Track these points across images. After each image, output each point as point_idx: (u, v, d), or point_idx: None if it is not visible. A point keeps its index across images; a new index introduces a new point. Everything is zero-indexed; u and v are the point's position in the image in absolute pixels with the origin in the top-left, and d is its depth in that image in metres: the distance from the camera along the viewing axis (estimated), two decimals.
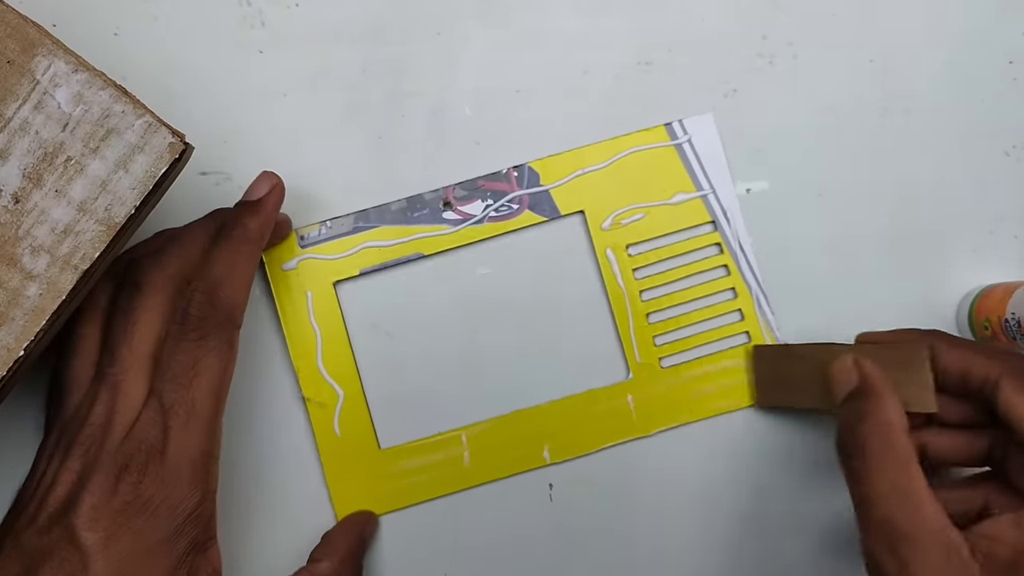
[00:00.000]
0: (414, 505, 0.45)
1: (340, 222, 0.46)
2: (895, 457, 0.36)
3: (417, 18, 0.46)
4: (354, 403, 0.45)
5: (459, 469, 0.45)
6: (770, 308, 0.46)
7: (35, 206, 0.35)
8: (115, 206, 0.36)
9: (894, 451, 0.36)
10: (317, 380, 0.45)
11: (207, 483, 0.38)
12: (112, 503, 0.36)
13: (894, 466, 0.35)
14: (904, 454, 0.36)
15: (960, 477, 0.43)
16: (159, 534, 0.36)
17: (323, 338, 0.45)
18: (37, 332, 0.35)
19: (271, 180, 0.42)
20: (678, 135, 0.46)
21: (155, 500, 0.36)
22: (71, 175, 0.36)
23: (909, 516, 0.34)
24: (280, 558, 0.44)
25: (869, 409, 0.37)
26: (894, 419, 0.37)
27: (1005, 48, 0.47)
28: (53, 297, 0.36)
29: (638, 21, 0.47)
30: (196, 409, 0.37)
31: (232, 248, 0.40)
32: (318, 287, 0.45)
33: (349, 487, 0.45)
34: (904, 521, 0.34)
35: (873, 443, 0.36)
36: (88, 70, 0.36)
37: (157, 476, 0.36)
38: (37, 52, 0.35)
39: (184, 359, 0.38)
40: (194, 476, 0.37)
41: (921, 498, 0.34)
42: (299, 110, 0.46)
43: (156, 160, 0.36)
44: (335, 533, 0.44)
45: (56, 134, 0.35)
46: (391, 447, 0.45)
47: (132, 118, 0.36)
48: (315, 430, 0.45)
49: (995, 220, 0.47)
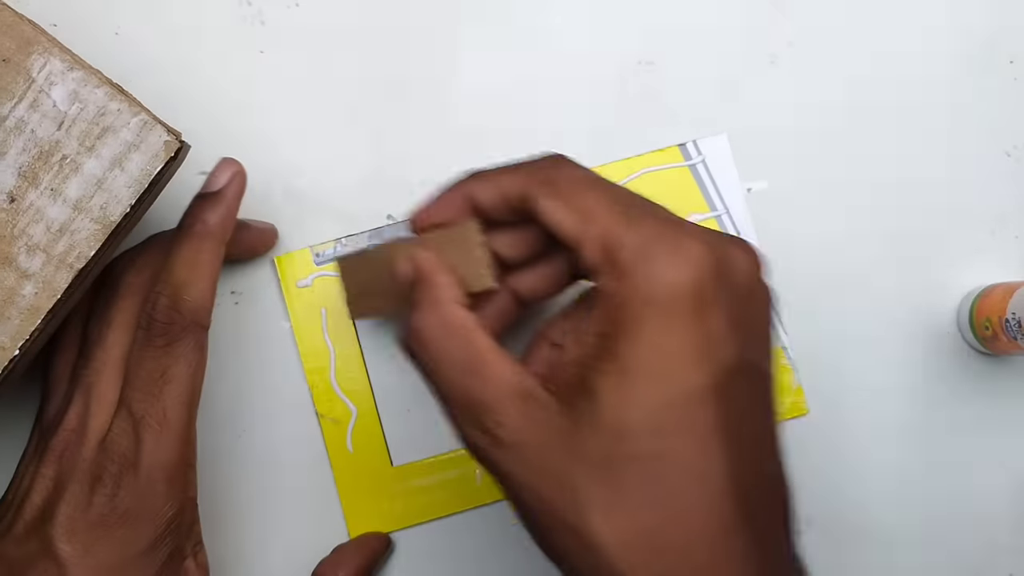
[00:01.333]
0: (426, 522, 0.46)
1: (354, 240, 0.46)
2: (453, 335, 0.33)
3: (417, 18, 0.46)
4: (367, 420, 0.45)
5: (471, 487, 0.45)
6: (783, 328, 0.46)
7: (31, 205, 0.36)
8: (111, 204, 0.36)
9: (450, 330, 0.33)
10: (331, 396, 0.45)
11: (185, 492, 0.38)
12: (88, 515, 0.36)
13: (455, 345, 0.33)
14: (462, 329, 0.33)
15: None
16: (138, 546, 0.36)
17: (337, 355, 0.45)
18: (32, 331, 0.35)
19: (231, 168, 0.40)
20: (692, 156, 0.46)
21: (132, 512, 0.36)
22: (67, 174, 0.36)
23: (481, 386, 0.32)
24: (292, 573, 0.44)
25: (419, 297, 0.35)
26: (444, 297, 0.34)
27: (1005, 48, 0.47)
28: (49, 296, 0.36)
29: (638, 21, 0.47)
30: (168, 419, 0.37)
31: (192, 247, 0.39)
32: (332, 305, 0.45)
33: (361, 503, 0.45)
34: (478, 392, 0.32)
35: (429, 330, 0.33)
36: (84, 68, 0.36)
37: (132, 489, 0.36)
38: (33, 50, 0.35)
39: (152, 367, 0.37)
40: (170, 487, 0.37)
41: (487, 363, 0.32)
42: (299, 110, 0.46)
43: (152, 158, 0.36)
44: (345, 550, 0.44)
45: (52, 132, 0.36)
46: (403, 464, 0.45)
47: (128, 116, 0.36)
48: (328, 446, 0.45)
49: (995, 220, 0.47)
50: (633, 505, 0.30)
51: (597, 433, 0.30)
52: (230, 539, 0.45)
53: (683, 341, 0.30)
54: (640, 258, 0.31)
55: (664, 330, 0.30)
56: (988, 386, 0.47)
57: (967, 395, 0.47)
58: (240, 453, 0.45)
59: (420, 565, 0.46)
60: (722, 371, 0.31)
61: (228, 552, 0.45)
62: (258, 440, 0.45)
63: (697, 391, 0.30)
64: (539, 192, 0.34)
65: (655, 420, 0.30)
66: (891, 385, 0.46)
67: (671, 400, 0.30)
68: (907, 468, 0.46)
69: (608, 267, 0.32)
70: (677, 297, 0.31)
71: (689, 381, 0.30)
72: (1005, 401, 0.47)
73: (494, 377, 0.32)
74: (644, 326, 0.30)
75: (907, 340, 0.47)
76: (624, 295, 0.31)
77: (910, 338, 0.47)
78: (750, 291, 0.33)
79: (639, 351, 0.30)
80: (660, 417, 0.30)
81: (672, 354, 0.30)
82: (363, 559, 0.44)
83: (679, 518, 0.30)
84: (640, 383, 0.30)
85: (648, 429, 0.30)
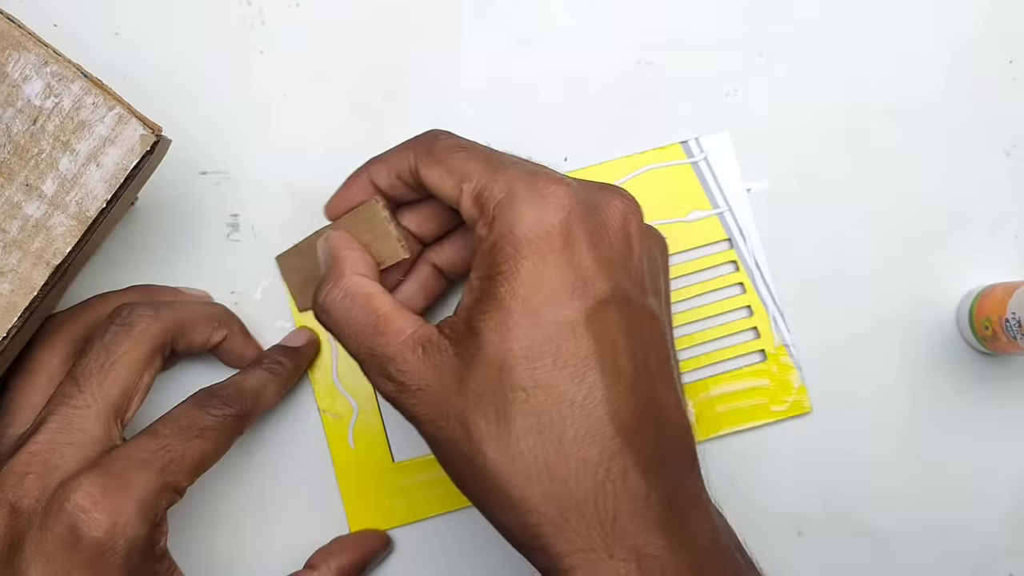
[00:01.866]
0: (427, 519, 0.45)
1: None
2: (354, 302, 0.36)
3: (417, 18, 0.46)
4: (369, 416, 0.45)
5: None
6: (787, 326, 0.46)
7: (6, 201, 0.35)
8: (86, 200, 0.36)
9: (352, 298, 0.36)
10: (332, 392, 0.45)
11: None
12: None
13: (357, 310, 0.36)
14: (362, 296, 0.36)
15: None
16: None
17: (339, 352, 0.45)
18: (10, 328, 0.35)
19: (307, 334, 0.45)
20: (694, 153, 0.46)
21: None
22: (42, 169, 0.35)
23: (384, 341, 0.34)
24: (293, 568, 0.44)
25: (327, 273, 0.38)
26: (346, 270, 0.37)
27: (1005, 48, 0.47)
28: (25, 293, 0.35)
29: (638, 20, 0.47)
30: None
31: (261, 379, 0.42)
32: None
33: (362, 499, 0.45)
34: (381, 348, 0.34)
35: (332, 301, 0.36)
36: (59, 62, 0.35)
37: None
38: (6, 45, 0.35)
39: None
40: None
41: (388, 320, 0.35)
42: (299, 110, 0.46)
43: (127, 153, 0.36)
44: (343, 541, 0.44)
45: (26, 128, 0.35)
46: (405, 460, 0.45)
47: (103, 110, 0.35)
48: (329, 442, 0.45)
49: (995, 220, 0.47)
50: (518, 433, 0.32)
51: (482, 368, 0.33)
52: (230, 534, 0.45)
53: (553, 277, 0.33)
54: (507, 203, 0.34)
55: (534, 268, 0.33)
56: (988, 386, 0.47)
57: (967, 395, 0.47)
58: (241, 449, 0.45)
59: (421, 561, 0.45)
60: (593, 304, 0.33)
61: (228, 547, 0.45)
62: (260, 436, 0.45)
63: (568, 323, 0.32)
64: (421, 162, 0.37)
65: (532, 352, 0.32)
66: (891, 384, 0.46)
67: (546, 333, 0.32)
68: (907, 467, 0.46)
69: (481, 215, 0.34)
70: (543, 236, 0.33)
71: (560, 314, 0.32)
72: (1005, 401, 0.47)
73: (393, 332, 0.35)
74: (517, 265, 0.33)
75: (907, 340, 0.47)
76: (494, 239, 0.33)
77: (910, 338, 0.47)
78: (624, 232, 0.35)
79: (514, 289, 0.33)
80: (536, 349, 0.32)
81: (543, 289, 0.33)
82: (358, 553, 0.44)
83: (561, 446, 0.32)
84: (516, 318, 0.32)
85: (526, 361, 0.32)
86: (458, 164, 0.36)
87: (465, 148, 0.36)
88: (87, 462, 0.36)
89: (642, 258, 0.35)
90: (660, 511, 0.32)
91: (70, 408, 0.37)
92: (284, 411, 0.45)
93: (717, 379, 0.46)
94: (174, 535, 0.39)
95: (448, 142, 0.37)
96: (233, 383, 0.41)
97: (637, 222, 0.35)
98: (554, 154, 0.46)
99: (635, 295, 0.34)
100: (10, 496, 0.35)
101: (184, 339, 0.41)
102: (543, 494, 0.32)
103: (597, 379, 0.32)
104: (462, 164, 0.35)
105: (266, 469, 0.45)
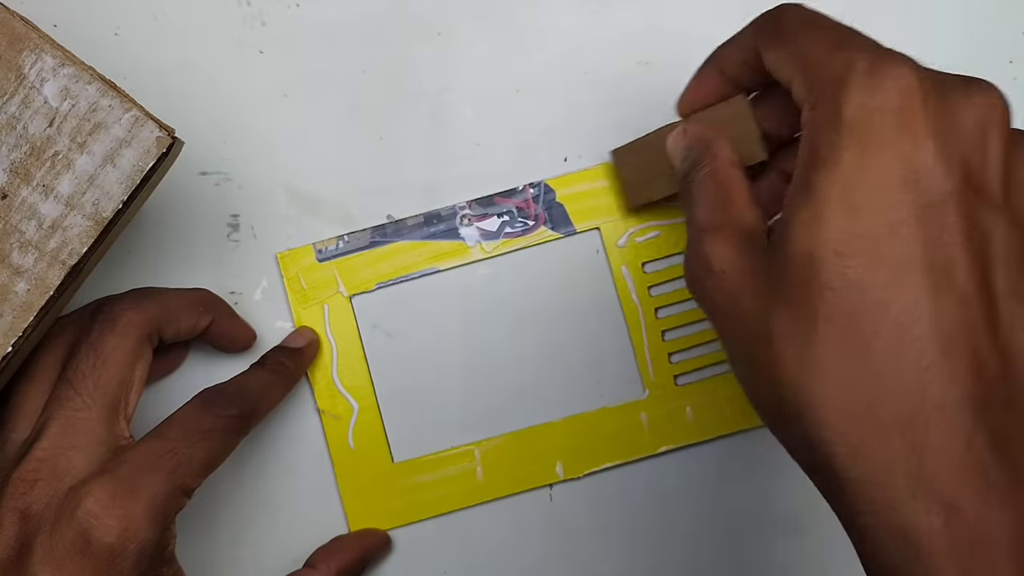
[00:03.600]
0: (427, 519, 0.45)
1: (357, 236, 0.45)
2: (720, 185, 0.34)
3: (417, 18, 0.46)
4: (368, 416, 0.45)
5: (473, 484, 0.45)
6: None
7: (23, 202, 0.36)
8: (103, 201, 0.36)
9: (717, 179, 0.34)
10: (332, 393, 0.45)
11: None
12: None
13: (717, 190, 0.34)
14: (732, 180, 0.34)
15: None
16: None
17: (339, 351, 0.45)
18: (25, 328, 0.35)
19: (309, 334, 0.45)
20: None
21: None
22: (59, 170, 0.36)
23: (722, 234, 0.32)
24: (292, 568, 0.44)
25: (697, 159, 0.35)
26: (721, 154, 0.35)
27: (1005, 48, 0.47)
28: (41, 293, 0.36)
29: (638, 20, 0.46)
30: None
31: (265, 379, 0.42)
32: (334, 300, 0.45)
33: (362, 500, 0.45)
34: (721, 227, 0.33)
35: (706, 183, 0.34)
36: (75, 64, 0.36)
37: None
38: (24, 47, 0.35)
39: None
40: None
41: (736, 201, 0.33)
42: (299, 110, 0.46)
43: (143, 154, 0.36)
44: (343, 541, 0.44)
45: (43, 129, 0.35)
46: (405, 460, 0.45)
47: (120, 112, 0.36)
48: (329, 442, 0.45)
49: None
50: (820, 337, 0.28)
51: (789, 263, 0.29)
52: (231, 534, 0.45)
53: (879, 169, 0.28)
54: (837, 84, 0.29)
55: (857, 157, 0.29)
56: None
57: None
58: (240, 449, 0.44)
59: (421, 562, 0.45)
60: (926, 204, 0.28)
61: (228, 547, 0.45)
62: (259, 436, 0.45)
63: (892, 221, 0.28)
64: (762, 44, 0.33)
65: (845, 248, 0.28)
66: None
67: (864, 229, 0.28)
68: None
69: (808, 96, 0.30)
70: (872, 123, 0.29)
71: (884, 209, 0.28)
72: None
73: (735, 212, 0.33)
74: (838, 154, 0.29)
75: None
76: (817, 122, 0.30)
77: None
78: (980, 132, 0.29)
79: (832, 178, 0.29)
80: (851, 246, 0.28)
81: (866, 181, 0.28)
82: (358, 552, 0.44)
83: (868, 358, 0.28)
84: (831, 210, 0.28)
85: (837, 257, 0.28)
86: (802, 44, 0.31)
87: (811, 25, 0.32)
88: (95, 464, 0.36)
89: (999, 168, 0.30)
90: (984, 460, 0.27)
91: (70, 411, 0.37)
92: (284, 411, 0.45)
93: (725, 379, 0.46)
94: None
95: (794, 17, 0.33)
96: (237, 383, 0.41)
97: (1001, 124, 0.30)
98: (554, 154, 0.46)
99: (983, 206, 0.29)
100: (20, 504, 0.35)
101: (171, 327, 0.40)
102: (841, 409, 0.28)
103: (922, 288, 0.28)
104: (805, 44, 0.31)
105: (266, 469, 0.45)
